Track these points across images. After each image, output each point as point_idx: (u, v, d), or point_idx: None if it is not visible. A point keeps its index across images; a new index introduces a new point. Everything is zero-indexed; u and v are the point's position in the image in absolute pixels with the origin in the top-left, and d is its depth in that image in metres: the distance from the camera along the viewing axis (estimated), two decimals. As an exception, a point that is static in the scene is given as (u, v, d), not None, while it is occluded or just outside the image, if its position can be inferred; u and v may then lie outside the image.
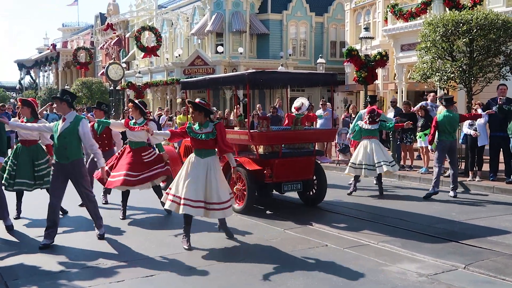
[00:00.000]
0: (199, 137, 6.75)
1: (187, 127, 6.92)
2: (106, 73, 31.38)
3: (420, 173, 12.95)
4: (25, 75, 63.91)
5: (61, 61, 53.24)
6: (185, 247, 6.73)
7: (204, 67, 31.09)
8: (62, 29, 66.61)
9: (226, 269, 5.96)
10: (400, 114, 14.16)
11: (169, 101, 34.37)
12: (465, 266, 5.93)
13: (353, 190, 10.78)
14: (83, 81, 41.24)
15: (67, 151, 6.90)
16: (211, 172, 6.74)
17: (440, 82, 13.25)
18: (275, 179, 8.94)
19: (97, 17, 49.59)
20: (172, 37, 37.58)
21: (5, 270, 5.95)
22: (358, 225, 8.09)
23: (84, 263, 6.17)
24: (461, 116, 10.85)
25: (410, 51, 19.83)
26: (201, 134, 6.75)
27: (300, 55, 33.56)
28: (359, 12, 27.63)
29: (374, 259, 6.26)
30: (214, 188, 6.69)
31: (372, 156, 10.42)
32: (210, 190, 6.69)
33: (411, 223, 8.18)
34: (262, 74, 10.37)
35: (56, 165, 7.01)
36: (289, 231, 7.72)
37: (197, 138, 6.76)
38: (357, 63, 16.11)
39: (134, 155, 8.37)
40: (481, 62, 12.49)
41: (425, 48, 13.25)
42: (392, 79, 23.64)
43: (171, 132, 7.32)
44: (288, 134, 9.61)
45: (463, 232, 7.58)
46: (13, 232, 7.68)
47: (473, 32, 12.24)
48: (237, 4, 32.25)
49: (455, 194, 10.44)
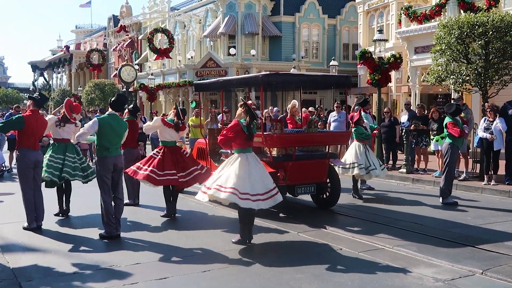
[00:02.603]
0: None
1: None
2: (119, 75, 31.48)
3: (434, 177, 12.83)
4: (38, 77, 64.40)
5: (74, 63, 53.57)
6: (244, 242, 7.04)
7: (217, 69, 31.09)
8: (76, 31, 67.09)
9: (240, 272, 5.93)
10: (414, 117, 14.07)
11: (181, 103, 34.42)
12: (483, 272, 5.84)
13: (361, 192, 10.72)
14: (96, 83, 41.41)
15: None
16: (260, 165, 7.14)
17: (455, 85, 13.14)
18: (289, 181, 8.88)
19: (110, 19, 49.86)
20: (185, 39, 37.66)
21: (19, 271, 5.96)
22: (373, 228, 8.01)
23: (97, 264, 6.17)
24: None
25: (424, 54, 19.69)
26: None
27: (312, 58, 33.46)
28: (372, 15, 27.49)
29: (389, 264, 6.19)
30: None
31: (364, 157, 10.36)
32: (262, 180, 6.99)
33: (426, 227, 8.09)
34: (277, 76, 10.33)
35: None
36: (303, 234, 7.66)
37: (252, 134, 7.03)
38: (370, 66, 15.97)
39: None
40: (496, 64, 12.37)
41: (440, 51, 13.14)
42: (405, 81, 23.47)
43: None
44: (301, 137, 9.55)
45: (479, 237, 7.48)
46: (40, 231, 7.81)
47: (488, 35, 12.13)
48: (249, 6, 32.24)
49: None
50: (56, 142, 8.75)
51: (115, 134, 7.49)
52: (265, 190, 6.90)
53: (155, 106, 36.60)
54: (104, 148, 7.42)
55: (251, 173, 6.84)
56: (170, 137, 8.88)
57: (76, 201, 9.34)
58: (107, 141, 7.40)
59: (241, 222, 7.05)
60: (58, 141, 8.73)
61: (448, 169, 9.93)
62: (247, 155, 6.96)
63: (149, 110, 34.98)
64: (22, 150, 7.78)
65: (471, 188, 11.54)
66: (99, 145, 7.48)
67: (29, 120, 7.75)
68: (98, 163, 7.48)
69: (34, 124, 7.82)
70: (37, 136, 7.97)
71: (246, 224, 7.04)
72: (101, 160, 7.45)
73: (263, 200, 6.84)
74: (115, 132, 7.50)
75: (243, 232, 7.04)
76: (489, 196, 10.91)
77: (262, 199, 6.83)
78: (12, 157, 15.39)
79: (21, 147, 7.82)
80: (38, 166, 7.98)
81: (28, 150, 7.76)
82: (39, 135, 8.06)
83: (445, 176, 9.99)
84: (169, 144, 8.85)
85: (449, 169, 9.93)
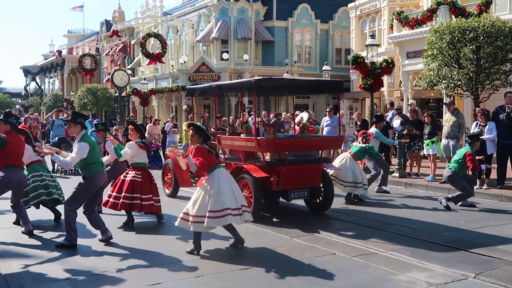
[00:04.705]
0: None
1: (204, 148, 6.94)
2: (112, 79, 31.42)
3: (426, 181, 12.88)
4: (30, 81, 64.12)
5: (66, 68, 53.37)
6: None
7: (209, 74, 31.08)
8: (68, 36, 66.89)
9: (233, 277, 5.92)
10: (407, 121, 14.11)
11: (174, 108, 34.38)
12: (476, 276, 5.87)
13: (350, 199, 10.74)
14: (88, 88, 41.28)
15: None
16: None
17: (446, 90, 13.23)
18: (282, 186, 8.89)
19: (102, 24, 49.75)
20: (178, 44, 37.64)
21: (12, 277, 5.92)
22: (366, 233, 8.03)
23: (90, 270, 6.14)
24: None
25: (416, 59, 19.78)
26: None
27: (305, 62, 33.52)
28: (364, 20, 27.61)
29: (382, 268, 6.20)
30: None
31: (351, 173, 10.36)
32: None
33: (419, 231, 8.12)
34: (269, 81, 10.35)
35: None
36: (296, 239, 7.66)
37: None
38: (363, 70, 16.05)
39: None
40: (488, 69, 12.46)
41: (431, 56, 13.23)
42: (397, 86, 23.57)
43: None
44: (295, 141, 9.57)
45: (472, 241, 7.51)
46: (32, 236, 7.77)
47: (480, 40, 12.22)
48: (242, 11, 32.28)
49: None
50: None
51: (96, 148, 7.40)
52: (237, 206, 6.85)
53: (148, 111, 36.53)
54: (98, 164, 7.31)
55: (222, 188, 6.78)
56: (144, 158, 8.74)
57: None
58: (97, 157, 7.32)
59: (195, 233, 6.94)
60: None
61: (464, 193, 9.97)
62: (217, 172, 6.89)
63: (142, 115, 34.92)
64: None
65: (463, 192, 11.58)
66: (90, 162, 7.19)
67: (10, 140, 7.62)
68: (90, 178, 7.22)
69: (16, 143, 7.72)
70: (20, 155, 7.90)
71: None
72: (97, 175, 7.27)
73: (233, 216, 6.78)
74: (96, 147, 7.39)
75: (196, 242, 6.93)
76: (481, 200, 10.95)
77: (233, 214, 6.76)
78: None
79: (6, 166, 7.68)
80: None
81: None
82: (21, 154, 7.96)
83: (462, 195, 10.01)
84: (142, 165, 8.67)
85: (465, 193, 9.97)
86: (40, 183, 8.57)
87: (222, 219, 6.71)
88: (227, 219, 6.73)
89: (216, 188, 6.74)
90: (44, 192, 8.58)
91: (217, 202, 6.69)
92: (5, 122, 7.71)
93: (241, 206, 6.92)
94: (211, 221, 6.67)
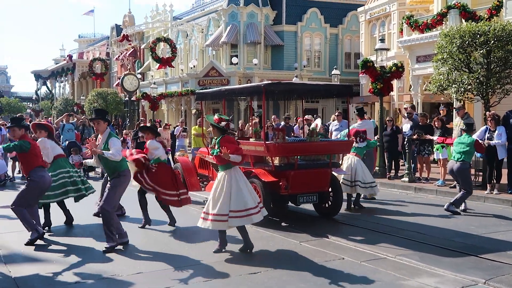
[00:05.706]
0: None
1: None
2: (122, 84, 31.58)
3: (436, 186, 12.81)
4: (41, 86, 64.55)
5: (77, 72, 53.74)
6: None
7: (219, 78, 31.16)
8: (78, 40, 67.40)
9: (242, 282, 5.91)
10: (417, 125, 14.04)
11: (183, 112, 34.48)
12: (486, 281, 5.82)
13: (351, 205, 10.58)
14: (99, 92, 41.54)
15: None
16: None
17: (457, 94, 13.15)
18: (291, 190, 8.88)
19: (113, 29, 50.10)
20: (187, 48, 37.79)
21: (21, 281, 5.96)
22: (375, 238, 7.99)
23: (100, 274, 6.16)
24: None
25: (426, 63, 19.73)
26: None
27: (314, 67, 33.55)
28: (374, 24, 27.59)
29: (392, 273, 6.17)
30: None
31: (354, 173, 10.28)
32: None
33: (428, 236, 8.07)
34: (279, 85, 10.35)
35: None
36: (305, 243, 7.65)
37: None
38: (372, 75, 15.99)
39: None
40: (498, 73, 12.38)
41: (441, 60, 13.17)
42: (407, 90, 23.51)
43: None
44: (303, 146, 9.56)
45: (482, 246, 7.46)
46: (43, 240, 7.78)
47: (490, 44, 12.15)
48: (251, 15, 32.37)
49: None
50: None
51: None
52: (255, 204, 6.97)
53: (158, 115, 36.66)
54: (124, 161, 7.59)
55: (233, 191, 6.87)
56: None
57: (79, 210, 9.32)
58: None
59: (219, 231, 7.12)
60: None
61: (466, 194, 9.98)
62: (234, 170, 6.97)
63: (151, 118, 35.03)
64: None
65: (473, 197, 11.47)
66: (120, 160, 7.41)
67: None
68: (126, 176, 7.51)
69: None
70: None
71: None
72: (129, 171, 7.66)
73: (256, 214, 6.92)
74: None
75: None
76: (492, 205, 10.87)
77: (255, 213, 6.90)
78: (15, 166, 15.44)
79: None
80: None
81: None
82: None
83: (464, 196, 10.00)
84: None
85: (469, 190, 9.99)
86: (68, 179, 8.61)
87: (246, 219, 6.87)
88: (252, 219, 6.91)
89: (236, 187, 6.85)
90: (72, 189, 8.64)
91: (241, 201, 6.82)
92: (20, 127, 7.87)
93: (258, 203, 7.05)
94: (235, 221, 6.83)
